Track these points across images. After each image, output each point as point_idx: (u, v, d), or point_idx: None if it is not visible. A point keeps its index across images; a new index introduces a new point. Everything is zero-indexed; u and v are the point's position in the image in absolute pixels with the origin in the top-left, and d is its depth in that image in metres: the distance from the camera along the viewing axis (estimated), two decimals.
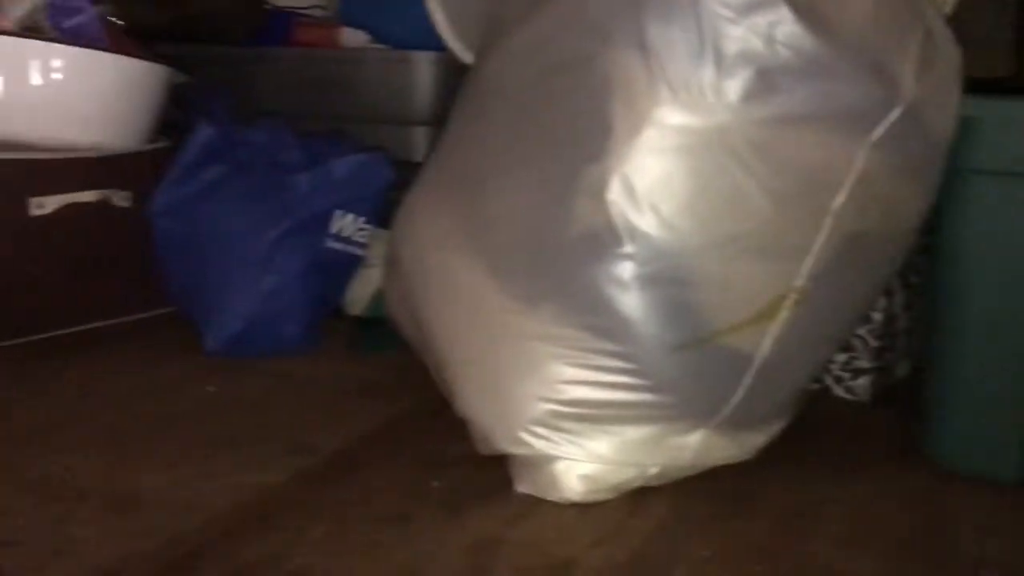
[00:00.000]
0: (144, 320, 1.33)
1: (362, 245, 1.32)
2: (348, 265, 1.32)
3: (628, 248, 0.84)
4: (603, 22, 0.88)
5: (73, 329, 1.28)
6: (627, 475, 0.88)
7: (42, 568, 0.74)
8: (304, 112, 1.50)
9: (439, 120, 1.43)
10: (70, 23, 1.23)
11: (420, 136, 1.49)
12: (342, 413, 1.08)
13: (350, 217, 1.29)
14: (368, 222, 1.31)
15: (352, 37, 1.58)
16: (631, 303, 0.84)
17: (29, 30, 1.21)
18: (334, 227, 1.28)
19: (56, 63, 1.19)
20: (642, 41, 0.85)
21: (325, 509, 0.85)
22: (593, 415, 0.86)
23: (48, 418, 1.03)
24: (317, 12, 1.71)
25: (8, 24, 1.20)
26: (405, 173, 1.29)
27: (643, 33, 0.85)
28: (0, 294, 1.22)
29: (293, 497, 0.88)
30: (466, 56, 1.35)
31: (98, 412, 1.05)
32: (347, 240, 1.30)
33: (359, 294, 1.33)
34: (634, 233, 0.83)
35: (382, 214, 1.29)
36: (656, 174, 0.84)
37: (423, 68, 1.48)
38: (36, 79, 1.19)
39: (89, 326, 1.29)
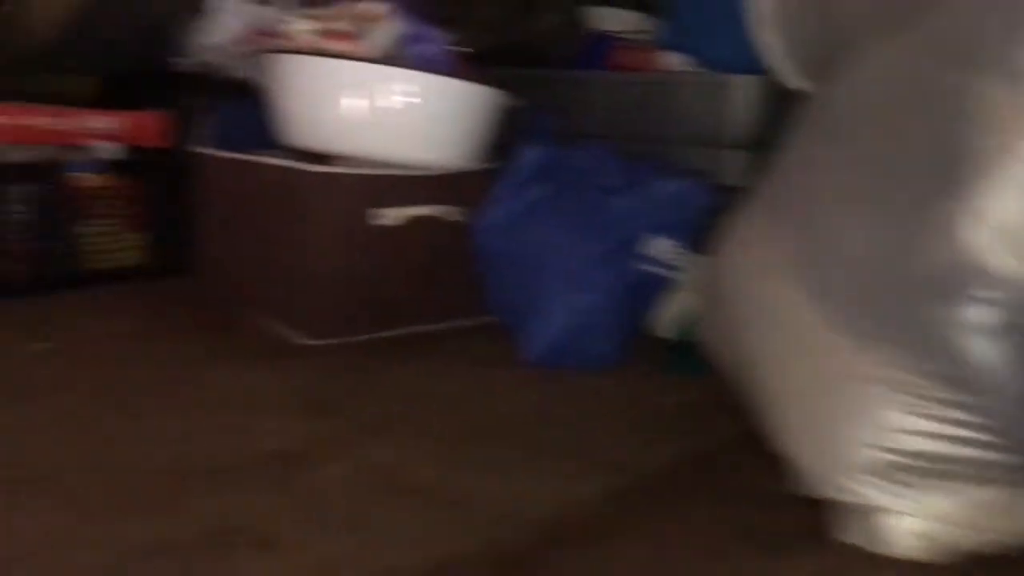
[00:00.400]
0: (468, 327, 1.42)
1: (675, 268, 1.32)
2: (659, 287, 1.33)
3: (985, 291, 0.77)
4: (968, 49, 0.83)
5: (406, 331, 1.39)
6: (968, 538, 0.81)
7: (371, 556, 0.80)
8: (622, 134, 1.53)
9: (756, 145, 1.41)
10: (422, 51, 1.34)
11: (736, 160, 1.47)
12: (651, 434, 1.09)
13: (665, 240, 1.31)
14: (683, 246, 1.32)
15: (671, 60, 1.60)
16: (985, 351, 0.77)
17: (387, 57, 1.34)
18: (649, 249, 1.30)
19: (412, 88, 1.31)
20: (1012, 68, 0.79)
21: (641, 533, 0.86)
22: (931, 469, 0.80)
23: (384, 412, 1.13)
24: (637, 36, 1.74)
25: (371, 52, 1.33)
26: (721, 197, 1.29)
27: (1014, 60, 0.79)
28: (344, 296, 1.36)
29: (609, 516, 0.90)
30: (796, 82, 1.32)
31: (427, 411, 1.14)
32: (661, 262, 1.31)
33: (668, 316, 1.34)
34: (992, 275, 0.77)
35: (697, 238, 1.28)
36: (1022, 212, 0.77)
37: (741, 92, 1.46)
38: (393, 102, 1.31)
39: (420, 329, 1.40)
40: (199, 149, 1.56)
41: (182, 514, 0.85)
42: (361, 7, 1.35)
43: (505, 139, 1.44)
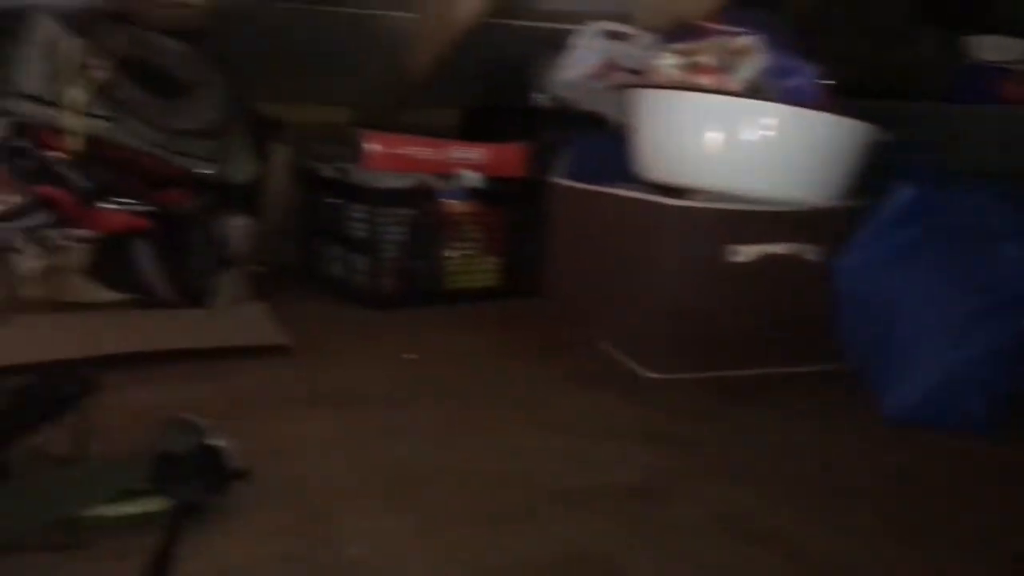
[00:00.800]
0: (818, 373, 1.35)
1: None
2: None
3: None
4: None
5: (753, 371, 1.34)
6: None
7: None
8: (1013, 175, 1.38)
9: None
10: (789, 84, 1.30)
11: None
12: None
13: None
14: None
15: None
16: None
17: (752, 91, 1.31)
18: None
19: (777, 122, 1.27)
20: None
21: None
22: None
23: (732, 455, 1.09)
24: None
25: (735, 85, 1.31)
26: None
27: None
28: (691, 331, 1.34)
29: None
30: None
31: (777, 458, 1.08)
32: None
33: None
34: None
35: None
36: None
37: None
38: (756, 136, 1.28)
39: (768, 371, 1.35)
40: (555, 180, 1.62)
41: (535, 534, 0.87)
42: (728, 41, 1.33)
43: (873, 176, 1.35)
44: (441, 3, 1.84)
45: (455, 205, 1.69)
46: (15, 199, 1.37)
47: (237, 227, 1.53)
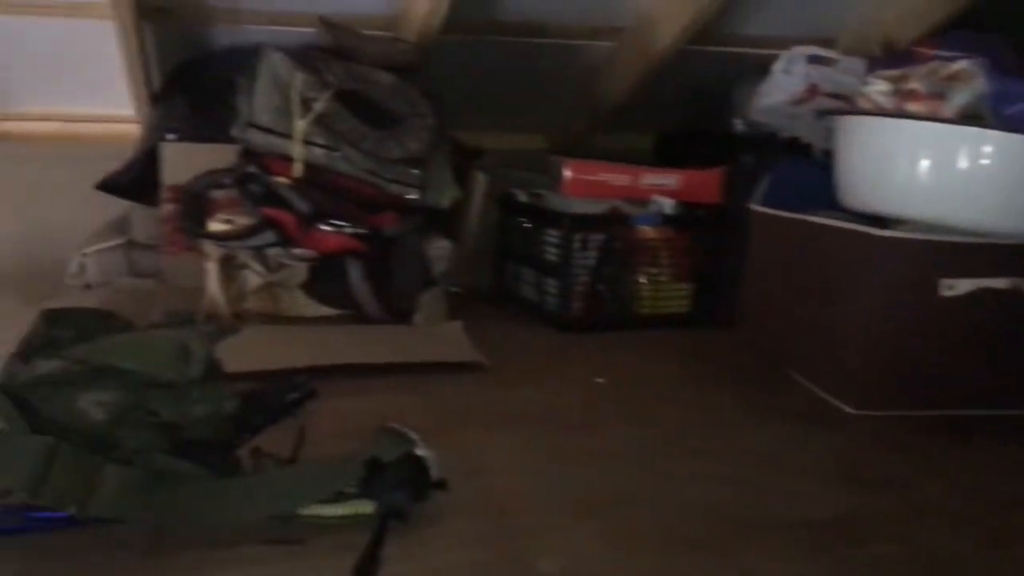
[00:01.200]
0: None
1: None
2: None
3: None
4: None
5: (962, 412, 1.27)
6: None
7: None
8: None
9: None
10: (1012, 110, 1.22)
11: None
12: None
13: None
14: None
15: None
16: None
17: (968, 118, 1.24)
18: None
19: (995, 149, 1.20)
20: None
21: None
22: None
23: (934, 497, 1.03)
24: None
25: (948, 112, 1.25)
26: None
27: None
28: (897, 367, 1.28)
29: None
30: None
31: (991, 506, 1.02)
32: None
33: None
34: None
35: None
36: None
37: None
38: (972, 165, 1.21)
39: (980, 412, 1.27)
40: (753, 207, 1.60)
41: (726, 564, 0.86)
42: (942, 66, 1.27)
43: None
44: (639, 32, 1.86)
45: (647, 231, 1.70)
46: (245, 220, 1.50)
47: (439, 249, 1.61)
